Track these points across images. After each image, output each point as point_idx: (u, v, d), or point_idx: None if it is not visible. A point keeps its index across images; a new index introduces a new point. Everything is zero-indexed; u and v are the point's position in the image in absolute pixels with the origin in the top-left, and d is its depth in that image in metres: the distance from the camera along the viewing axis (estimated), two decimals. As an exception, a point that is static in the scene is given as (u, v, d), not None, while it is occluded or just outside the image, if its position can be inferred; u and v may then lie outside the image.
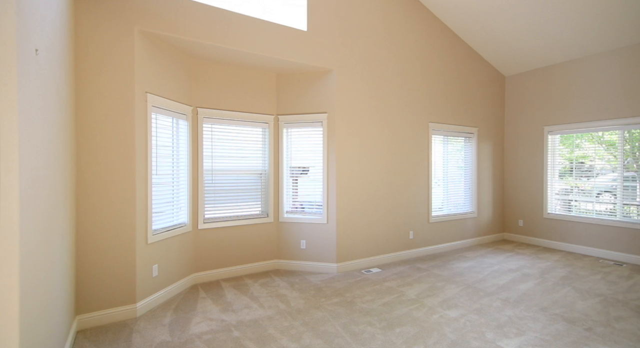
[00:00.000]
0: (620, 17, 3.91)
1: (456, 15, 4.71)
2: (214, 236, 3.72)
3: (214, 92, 3.72)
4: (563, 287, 3.46)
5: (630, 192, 4.41)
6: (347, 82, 4.04)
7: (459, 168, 5.32)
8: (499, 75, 5.74)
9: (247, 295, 3.27)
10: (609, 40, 4.31)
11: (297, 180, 4.23)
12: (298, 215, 4.13)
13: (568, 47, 4.65)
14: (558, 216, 5.07)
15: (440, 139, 5.05)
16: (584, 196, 4.90)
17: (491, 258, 4.54)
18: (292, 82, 4.10)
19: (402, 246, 4.55)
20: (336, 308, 2.95)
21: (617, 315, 2.79)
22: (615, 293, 3.28)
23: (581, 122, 4.79)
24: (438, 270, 4.05)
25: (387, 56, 4.36)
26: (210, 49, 3.33)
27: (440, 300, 3.13)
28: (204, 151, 3.70)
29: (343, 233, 4.02)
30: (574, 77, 4.87)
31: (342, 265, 4.00)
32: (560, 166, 5.17)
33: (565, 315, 2.80)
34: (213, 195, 3.76)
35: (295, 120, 4.09)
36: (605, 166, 4.66)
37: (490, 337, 2.44)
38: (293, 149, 4.17)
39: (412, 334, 2.49)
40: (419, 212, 4.72)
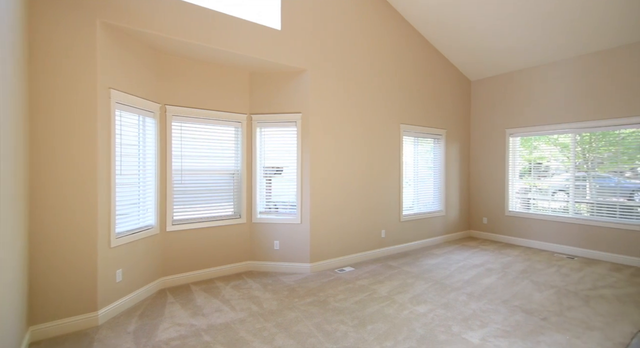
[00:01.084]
0: (575, 28, 4.23)
1: (426, 21, 4.87)
2: (183, 238, 3.60)
3: (184, 89, 3.60)
4: (522, 280, 3.69)
5: (581, 190, 4.78)
6: (321, 83, 4.07)
7: (428, 168, 5.52)
8: (465, 79, 6.02)
9: (218, 298, 3.19)
10: (565, 49, 4.65)
11: (270, 180, 4.19)
12: (272, 215, 4.10)
13: (528, 54, 4.97)
14: (518, 214, 5.40)
15: (411, 140, 5.21)
16: (541, 195, 5.25)
17: (458, 255, 4.75)
18: (266, 81, 4.06)
19: (374, 245, 4.64)
20: (309, 308, 2.96)
21: (569, 305, 3.02)
22: (567, 284, 3.55)
23: (539, 125, 5.13)
24: (408, 267, 4.17)
25: (360, 58, 4.43)
26: (180, 45, 3.21)
27: (410, 296, 3.23)
28: (173, 150, 3.57)
29: (317, 233, 4.03)
30: (532, 83, 5.21)
31: (316, 264, 4.02)
32: (521, 167, 5.50)
33: (523, 307, 2.98)
34: (183, 196, 3.64)
35: (268, 120, 4.05)
36: (560, 167, 5.03)
37: (456, 330, 2.55)
38: (267, 148, 4.13)
39: (384, 331, 2.55)
40: (390, 211, 4.84)
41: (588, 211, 4.70)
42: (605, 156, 4.57)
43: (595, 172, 4.64)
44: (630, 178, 4.36)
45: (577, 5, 3.86)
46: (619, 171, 4.46)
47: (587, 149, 4.75)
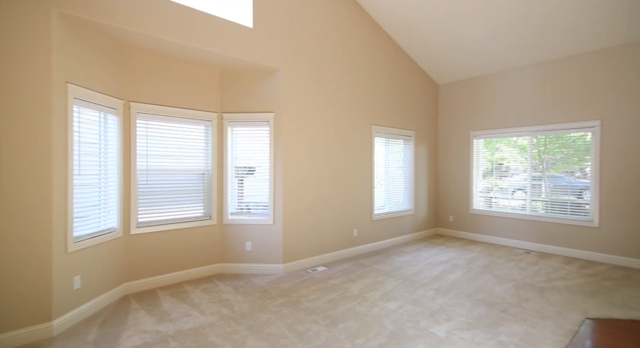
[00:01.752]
0: (533, 39, 4.52)
1: (397, 26, 5.01)
2: (149, 241, 3.45)
3: (150, 86, 3.44)
4: (485, 274, 3.90)
5: (537, 189, 5.13)
6: (294, 83, 4.05)
7: (398, 168, 5.67)
8: (433, 83, 6.25)
9: (186, 302, 3.09)
10: (524, 57, 4.97)
11: (242, 181, 4.12)
12: (243, 216, 4.02)
13: (491, 61, 5.25)
14: (481, 212, 5.69)
15: (382, 140, 5.33)
16: (502, 193, 5.57)
17: (426, 252, 4.93)
18: (238, 80, 3.98)
19: (347, 244, 4.70)
20: (282, 309, 2.94)
21: (526, 297, 3.23)
22: (525, 277, 3.79)
23: (500, 128, 5.44)
24: (379, 265, 4.27)
25: (333, 60, 4.47)
26: (145, 39, 3.07)
27: (381, 294, 3.31)
28: (138, 149, 3.41)
29: (289, 233, 4.02)
30: (494, 88, 5.51)
31: (289, 265, 4.00)
32: (484, 167, 5.81)
33: (485, 300, 3.15)
34: (148, 197, 3.48)
35: (240, 119, 3.98)
36: (519, 167, 5.36)
37: (424, 325, 2.65)
38: (238, 148, 4.05)
39: (355, 328, 2.59)
40: (362, 211, 4.92)
41: (543, 208, 5.05)
42: (558, 157, 4.94)
43: (550, 172, 5.00)
44: (579, 178, 4.75)
45: (535, 19, 4.14)
46: (570, 171, 4.84)
47: (542, 151, 5.10)
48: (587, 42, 4.36)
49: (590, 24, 4.05)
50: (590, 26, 4.07)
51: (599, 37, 4.21)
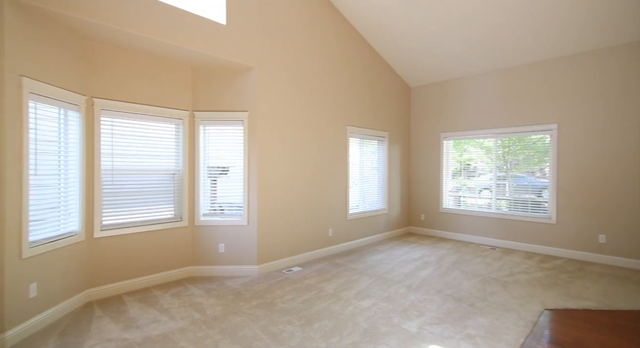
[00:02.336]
0: (498, 45, 4.77)
1: (371, 30, 5.09)
2: (114, 245, 3.28)
3: (116, 81, 3.27)
4: (453, 270, 4.06)
5: (501, 189, 5.41)
6: (269, 81, 4.01)
7: (373, 169, 5.78)
8: (406, 85, 6.42)
9: (155, 307, 2.97)
10: (489, 63, 5.22)
11: (215, 181, 4.02)
12: (216, 217, 3.93)
13: (460, 66, 5.47)
14: (451, 210, 5.92)
15: (356, 141, 5.40)
16: (469, 193, 5.83)
17: (399, 250, 5.06)
18: (210, 77, 3.88)
19: (322, 244, 4.72)
20: (256, 311, 2.91)
21: (492, 291, 3.40)
22: (490, 272, 3.99)
23: (468, 130, 5.69)
24: (354, 264, 4.33)
25: (309, 60, 4.47)
26: (109, 32, 2.92)
27: (355, 292, 3.35)
28: (103, 148, 3.23)
29: (264, 234, 3.97)
30: (463, 91, 5.76)
31: (263, 266, 3.96)
32: (453, 167, 6.05)
33: (454, 295, 3.28)
34: (114, 199, 3.31)
35: (213, 118, 3.88)
36: (485, 168, 5.64)
37: (396, 321, 2.72)
38: (211, 147, 3.95)
39: (330, 327, 2.61)
40: (337, 211, 4.96)
41: (507, 207, 5.34)
42: (521, 158, 5.24)
43: (513, 173, 5.30)
44: (539, 177, 5.06)
45: (499, 28, 4.36)
46: (531, 171, 5.15)
47: (506, 152, 5.39)
48: (544, 51, 4.66)
49: (546, 35, 4.33)
50: (547, 37, 4.36)
51: (555, 47, 4.52)
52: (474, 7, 4.18)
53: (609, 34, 4.12)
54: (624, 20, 3.87)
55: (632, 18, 3.81)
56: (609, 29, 4.04)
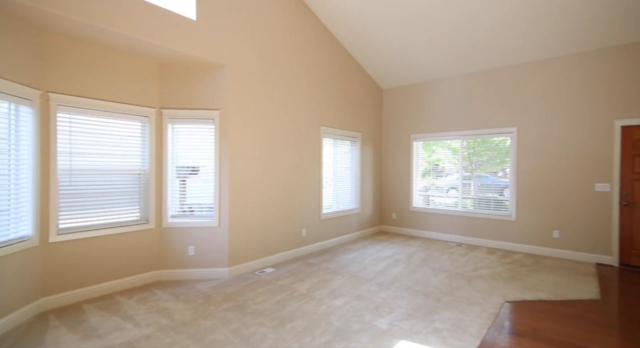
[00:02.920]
0: (463, 50, 4.99)
1: (343, 31, 5.15)
2: (73, 250, 3.08)
3: (74, 76, 3.07)
4: (422, 267, 4.20)
5: (467, 188, 5.68)
6: (241, 80, 3.94)
7: (346, 169, 5.85)
8: (378, 87, 6.56)
9: (118, 315, 2.82)
10: (456, 67, 5.46)
11: (185, 181, 3.89)
12: (186, 219, 3.80)
13: (429, 69, 5.68)
14: (420, 209, 6.13)
15: (330, 141, 5.44)
16: (438, 192, 6.07)
17: (371, 249, 5.16)
18: (179, 74, 3.75)
19: (295, 244, 4.71)
20: (227, 314, 2.84)
21: (457, 286, 3.56)
22: (456, 268, 4.18)
23: (436, 132, 5.92)
24: (327, 263, 4.36)
25: (282, 59, 4.44)
26: (69, 24, 2.73)
27: (328, 291, 3.38)
28: (60, 146, 3.02)
29: (236, 235, 3.90)
30: (432, 94, 5.97)
31: (235, 268, 3.88)
32: (422, 168, 6.26)
33: (423, 291, 3.40)
34: (73, 200, 3.11)
35: (182, 116, 3.75)
36: (452, 168, 5.89)
37: (368, 319, 2.77)
38: (180, 146, 3.81)
39: (302, 328, 2.61)
40: (311, 211, 4.97)
41: (472, 205, 5.61)
42: (484, 159, 5.52)
43: (478, 173, 5.57)
44: (501, 177, 5.37)
45: (466, 35, 4.57)
46: (494, 172, 5.45)
47: (471, 153, 5.66)
48: (507, 58, 4.95)
49: (509, 43, 4.60)
50: (510, 45, 4.63)
51: (517, 54, 4.81)
52: (441, 15, 4.34)
53: (565, 43, 4.45)
54: (576, 31, 4.20)
55: (580, 29, 4.14)
56: (564, 38, 4.37)
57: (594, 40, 4.27)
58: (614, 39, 4.18)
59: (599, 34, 4.14)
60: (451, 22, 4.45)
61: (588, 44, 4.35)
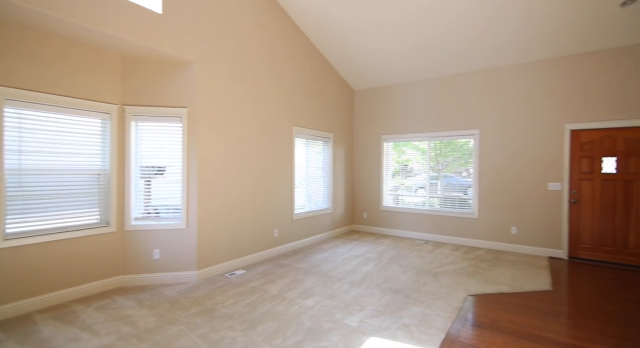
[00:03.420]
0: (431, 54, 5.19)
1: (315, 32, 5.16)
2: (23, 256, 2.84)
3: (24, 68, 2.83)
4: (392, 265, 4.32)
5: (434, 187, 5.91)
6: (211, 78, 3.83)
7: (318, 169, 5.87)
8: (349, 88, 6.65)
9: (74, 325, 2.64)
10: (424, 71, 5.66)
11: (150, 182, 3.72)
12: (151, 221, 3.64)
13: (398, 73, 5.84)
14: (390, 208, 6.29)
15: (302, 141, 5.44)
16: (407, 191, 6.26)
17: (342, 248, 5.22)
18: (144, 69, 3.57)
19: (267, 245, 4.66)
20: (195, 319, 2.76)
21: (424, 282, 3.69)
22: (423, 265, 4.34)
23: (405, 133, 6.10)
24: (299, 263, 4.35)
25: (254, 58, 4.37)
26: (15, 10, 2.51)
27: (299, 292, 3.37)
28: (7, 144, 2.78)
29: (205, 237, 3.79)
30: (401, 96, 6.15)
31: (204, 271, 3.77)
32: (392, 168, 6.43)
33: (392, 288, 3.50)
34: (23, 203, 2.87)
35: (147, 113, 3.58)
36: (420, 168, 6.10)
37: (339, 317, 2.80)
38: (145, 145, 3.64)
39: (273, 329, 2.59)
40: (283, 211, 4.94)
41: (439, 204, 5.85)
42: (450, 160, 5.78)
43: (444, 173, 5.82)
44: (465, 177, 5.64)
45: (434, 40, 4.76)
46: (459, 172, 5.71)
47: (438, 154, 5.90)
48: (472, 63, 5.21)
49: (474, 49, 4.85)
50: (474, 51, 4.88)
51: (480, 60, 5.08)
52: (409, 24, 4.49)
53: (522, 52, 4.76)
54: (532, 42, 4.50)
55: (535, 40, 4.45)
56: (521, 48, 4.67)
57: (547, 50, 4.60)
58: (564, 49, 4.54)
59: (551, 44, 4.48)
60: (422, 29, 4.61)
61: (542, 53, 4.69)
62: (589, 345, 2.40)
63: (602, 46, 4.36)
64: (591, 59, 4.48)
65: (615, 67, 4.33)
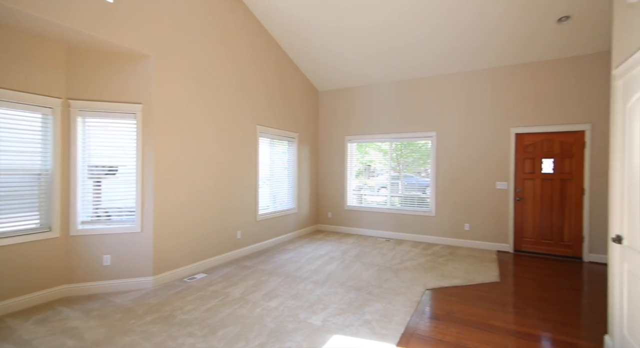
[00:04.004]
0: (396, 59, 5.37)
1: (281, 32, 5.12)
2: (-57, 267, 2.50)
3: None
4: (355, 263, 4.41)
5: (395, 187, 6.13)
6: (169, 72, 3.65)
7: (283, 169, 5.83)
8: (314, 89, 6.69)
9: (9, 341, 2.38)
10: (386, 74, 5.85)
11: (100, 182, 3.45)
12: (101, 225, 3.38)
13: (361, 76, 5.98)
14: (354, 207, 6.43)
15: (267, 141, 5.37)
16: (370, 191, 6.43)
17: (307, 248, 5.23)
18: (94, 62, 3.31)
19: (230, 247, 4.54)
20: (150, 327, 2.61)
21: (386, 278, 3.82)
22: (385, 262, 4.48)
23: (368, 134, 6.26)
24: (263, 265, 4.29)
25: (217, 55, 4.23)
26: None
27: (263, 293, 3.33)
28: None
29: (162, 240, 3.60)
30: (364, 98, 6.31)
31: (161, 276, 3.58)
32: (356, 168, 6.57)
33: (355, 285, 3.57)
34: (-58, 207, 2.52)
35: (96, 109, 3.32)
36: (383, 168, 6.29)
37: (303, 317, 2.80)
38: (94, 143, 3.38)
39: (235, 333, 2.52)
40: (247, 212, 4.84)
41: (399, 203, 6.08)
42: (410, 160, 6.03)
43: (405, 173, 6.06)
44: (424, 177, 5.92)
45: (396, 45, 4.93)
46: (418, 172, 5.98)
47: (399, 155, 6.13)
48: (429, 69, 5.48)
49: (432, 56, 5.10)
50: (432, 57, 5.14)
51: (435, 66, 5.36)
52: (370, 28, 4.61)
53: (475, 60, 5.09)
54: (483, 51, 4.84)
55: (490, 49, 4.79)
56: (474, 56, 5.00)
57: (495, 59, 4.97)
58: (508, 59, 4.93)
59: (498, 54, 4.85)
60: (379, 35, 4.76)
61: (490, 62, 5.06)
62: (531, 331, 2.64)
63: (541, 58, 4.81)
64: (532, 69, 4.92)
65: (552, 77, 4.79)
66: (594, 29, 4.07)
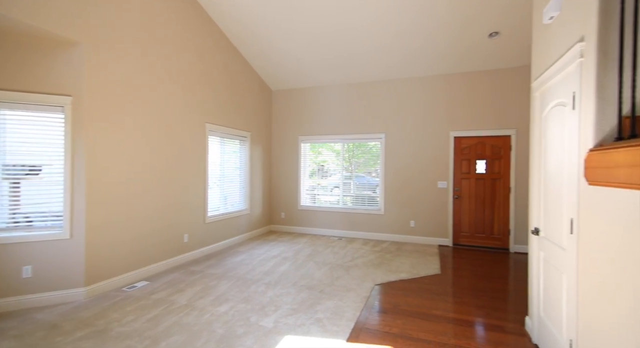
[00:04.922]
0: (349, 62, 5.50)
1: (233, 27, 4.94)
2: None
3: None
4: (308, 262, 4.44)
5: (347, 187, 6.29)
6: (104, 63, 3.32)
7: (235, 169, 5.65)
8: (267, 88, 6.59)
9: None
10: (338, 77, 5.97)
11: (18, 184, 3.03)
12: (19, 232, 2.97)
13: (314, 76, 6.03)
14: (307, 207, 6.46)
15: (217, 140, 5.16)
16: (323, 191, 6.52)
17: (259, 249, 5.14)
18: (10, 47, 2.89)
19: (176, 251, 4.28)
20: (81, 344, 2.35)
21: (337, 276, 3.90)
22: (337, 260, 4.58)
23: (321, 135, 6.35)
24: (212, 269, 4.12)
25: (159, 46, 3.94)
26: None
27: (212, 299, 3.19)
28: None
29: (96, 247, 3.27)
30: (317, 99, 6.37)
31: (95, 287, 3.25)
32: (310, 168, 6.61)
33: (307, 285, 3.60)
34: None
35: (14, 99, 2.91)
36: (336, 168, 6.42)
37: (254, 320, 2.75)
38: (11, 139, 2.96)
39: (180, 342, 2.39)
40: (194, 214, 4.60)
41: (351, 202, 6.25)
42: (362, 161, 6.23)
43: (356, 173, 6.25)
44: (374, 177, 6.16)
45: (349, 47, 5.05)
46: (369, 172, 6.20)
47: (351, 155, 6.31)
48: (379, 73, 5.72)
49: (384, 61, 5.33)
50: (378, 63, 5.37)
51: (384, 71, 5.62)
52: (324, 29, 4.68)
53: (418, 67, 5.43)
54: (422, 60, 5.18)
55: (429, 59, 5.14)
56: (415, 64, 5.32)
57: (434, 68, 5.36)
58: (447, 68, 5.36)
59: (437, 63, 5.23)
60: (338, 38, 4.84)
61: (430, 70, 5.44)
62: (467, 317, 2.89)
63: (476, 68, 5.29)
64: (468, 78, 5.39)
65: (485, 86, 5.30)
66: (519, 44, 4.58)
